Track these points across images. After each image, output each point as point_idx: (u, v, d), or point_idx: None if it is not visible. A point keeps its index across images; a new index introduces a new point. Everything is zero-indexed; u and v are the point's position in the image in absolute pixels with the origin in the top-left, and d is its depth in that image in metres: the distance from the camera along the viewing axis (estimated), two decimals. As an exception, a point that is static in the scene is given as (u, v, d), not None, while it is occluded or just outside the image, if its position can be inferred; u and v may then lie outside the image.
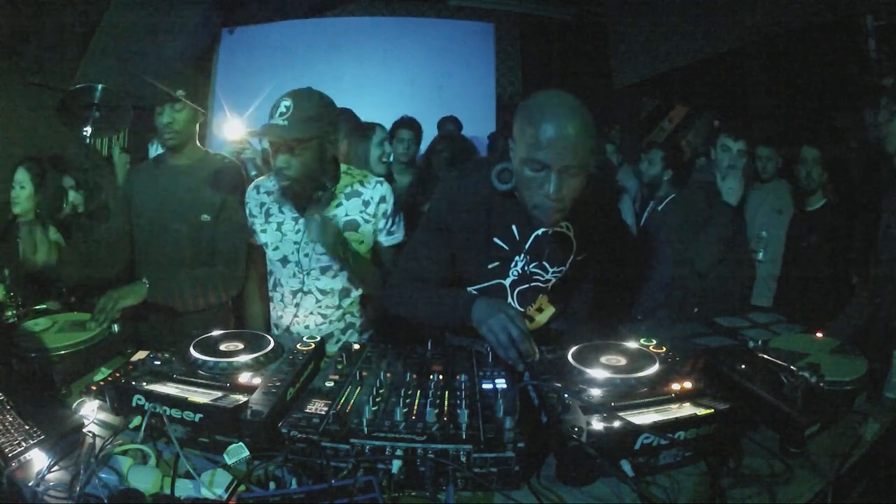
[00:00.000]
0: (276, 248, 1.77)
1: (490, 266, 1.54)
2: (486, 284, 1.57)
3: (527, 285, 1.58)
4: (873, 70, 3.63)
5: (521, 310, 1.61)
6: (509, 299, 1.58)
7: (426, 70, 6.18)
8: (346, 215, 1.72)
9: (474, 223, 1.48)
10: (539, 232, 1.50)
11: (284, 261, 1.77)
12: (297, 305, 1.78)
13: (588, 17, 6.31)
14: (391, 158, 2.85)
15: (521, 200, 1.40)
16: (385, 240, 1.79)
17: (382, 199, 1.74)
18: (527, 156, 1.27)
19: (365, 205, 1.73)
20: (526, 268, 1.54)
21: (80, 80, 3.85)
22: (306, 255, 1.73)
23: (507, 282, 1.57)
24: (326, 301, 1.77)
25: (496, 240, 1.50)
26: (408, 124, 3.58)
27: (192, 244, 1.90)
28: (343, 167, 1.78)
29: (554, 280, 1.60)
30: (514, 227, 1.49)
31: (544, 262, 1.54)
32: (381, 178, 1.79)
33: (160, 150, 2.09)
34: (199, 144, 2.02)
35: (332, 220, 1.68)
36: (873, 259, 2.09)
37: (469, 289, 1.58)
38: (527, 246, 1.51)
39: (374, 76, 6.08)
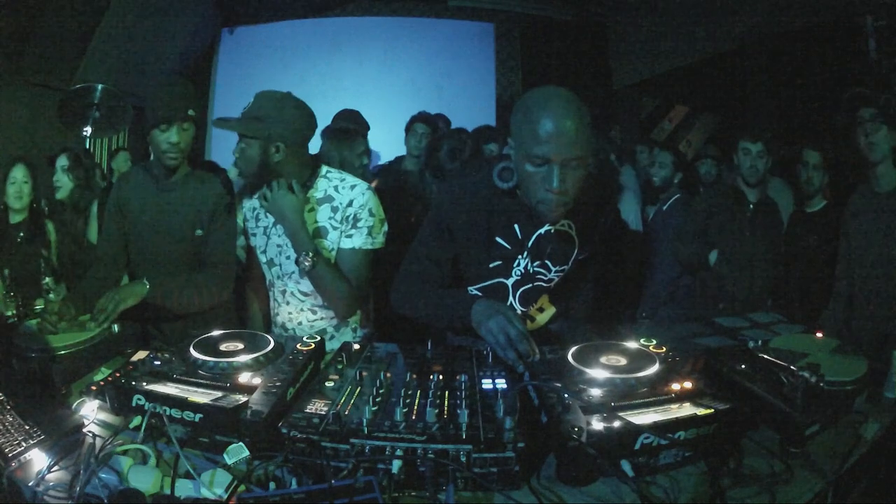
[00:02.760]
0: (264, 251, 1.80)
1: (492, 265, 1.54)
2: (487, 283, 1.57)
3: (529, 285, 1.58)
4: (873, 70, 3.63)
5: (524, 309, 1.62)
6: (511, 299, 1.59)
7: (426, 70, 6.17)
8: (316, 222, 1.70)
9: (476, 222, 1.49)
10: (541, 231, 1.50)
11: (270, 263, 1.80)
12: (287, 303, 1.81)
13: (588, 17, 6.31)
14: (362, 166, 2.82)
15: (524, 198, 1.40)
16: (342, 242, 1.70)
17: (350, 203, 1.68)
18: (527, 152, 1.29)
19: (334, 211, 1.70)
20: (529, 267, 1.54)
21: (80, 80, 3.85)
22: (287, 257, 1.74)
23: (510, 282, 1.57)
24: (310, 301, 1.78)
25: (498, 239, 1.50)
26: (424, 119, 3.61)
27: (187, 256, 1.89)
28: (323, 170, 1.76)
29: (556, 279, 1.60)
30: (516, 227, 1.49)
31: (547, 262, 1.55)
32: (357, 182, 1.73)
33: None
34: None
35: (297, 194, 1.64)
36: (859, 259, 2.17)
37: (470, 288, 1.58)
38: (529, 245, 1.51)
39: (374, 76, 6.09)
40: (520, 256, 1.53)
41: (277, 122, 1.62)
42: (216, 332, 1.40)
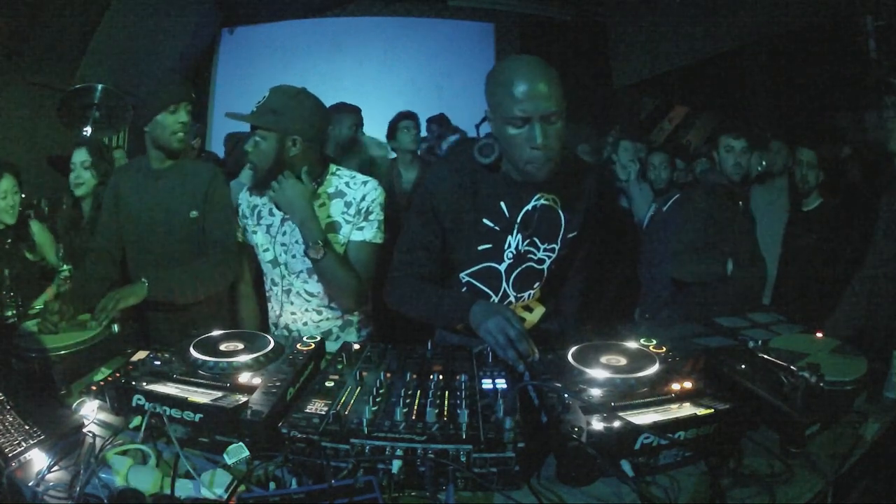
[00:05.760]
0: (267, 250, 1.80)
1: (480, 248, 1.54)
2: (477, 267, 1.57)
3: (522, 267, 1.57)
4: (873, 70, 3.63)
5: (519, 296, 1.61)
6: (504, 285, 1.58)
7: (426, 70, 6.17)
8: (329, 217, 1.70)
9: (461, 203, 1.50)
10: (528, 206, 1.52)
11: (274, 262, 1.79)
12: (291, 303, 1.80)
13: (588, 17, 6.30)
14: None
15: (509, 170, 1.44)
16: (353, 234, 1.71)
17: (363, 198, 1.70)
18: (507, 115, 1.34)
19: (347, 206, 1.71)
20: (519, 246, 1.55)
21: (80, 80, 3.85)
22: (293, 256, 1.74)
23: (503, 267, 1.57)
24: (316, 301, 1.78)
25: (485, 220, 1.51)
26: (411, 116, 3.62)
27: (183, 242, 1.92)
28: (333, 168, 1.77)
29: (548, 261, 1.59)
30: (502, 204, 1.50)
31: (535, 238, 1.55)
32: (368, 179, 1.75)
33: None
34: None
35: (305, 184, 1.65)
36: (875, 257, 2.11)
37: (461, 273, 1.58)
38: (518, 221, 1.52)
39: (374, 76, 6.08)
40: (509, 236, 1.53)
41: (294, 115, 1.63)
42: (216, 333, 1.40)
